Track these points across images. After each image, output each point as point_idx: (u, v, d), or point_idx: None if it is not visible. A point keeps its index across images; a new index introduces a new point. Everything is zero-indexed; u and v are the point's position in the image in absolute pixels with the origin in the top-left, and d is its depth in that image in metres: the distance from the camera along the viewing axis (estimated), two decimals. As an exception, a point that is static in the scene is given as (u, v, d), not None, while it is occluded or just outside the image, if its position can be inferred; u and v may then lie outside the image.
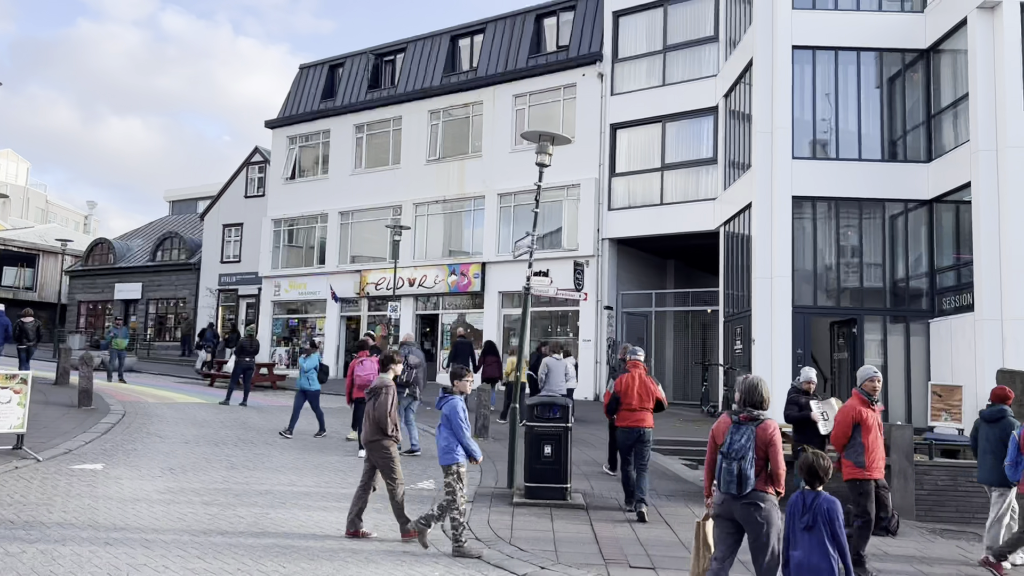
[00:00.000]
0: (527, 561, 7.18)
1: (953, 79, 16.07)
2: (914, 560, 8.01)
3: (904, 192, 16.68)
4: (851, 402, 7.89)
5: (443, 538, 8.00)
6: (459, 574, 6.81)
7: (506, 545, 7.73)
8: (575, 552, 7.55)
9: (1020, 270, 14.19)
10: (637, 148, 22.60)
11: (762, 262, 16.65)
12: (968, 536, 9.29)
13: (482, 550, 7.46)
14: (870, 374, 7.88)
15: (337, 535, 7.85)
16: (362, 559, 7.06)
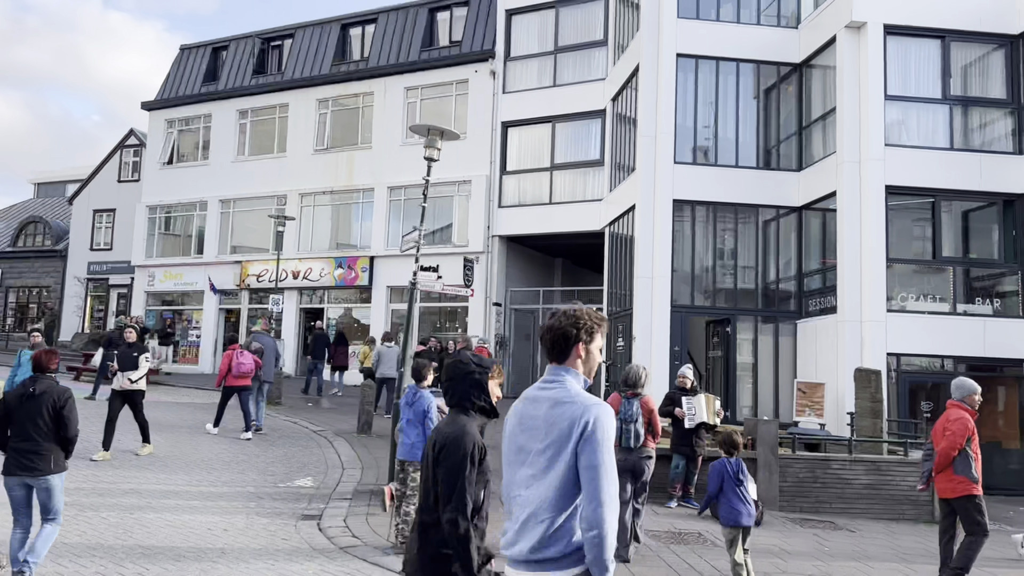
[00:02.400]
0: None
1: (823, 93, 17.02)
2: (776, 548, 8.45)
3: (777, 199, 17.53)
4: (960, 414, 7.35)
5: (317, 536, 7.85)
6: (335, 572, 6.69)
7: (384, 541, 7.65)
8: (453, 547, 7.54)
9: (878, 275, 15.19)
10: (528, 147, 22.84)
11: (644, 262, 17.15)
12: (824, 525, 9.88)
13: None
14: (975, 388, 7.50)
15: (207, 535, 7.56)
16: (232, 559, 6.82)
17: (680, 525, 9.09)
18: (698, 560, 7.62)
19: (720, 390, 17.34)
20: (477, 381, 3.44)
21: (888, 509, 10.68)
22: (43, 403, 5.84)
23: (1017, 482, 14.94)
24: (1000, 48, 15.95)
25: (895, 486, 10.82)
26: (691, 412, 10.06)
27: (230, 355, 13.43)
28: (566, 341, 3.08)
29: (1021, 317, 15.26)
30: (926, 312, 15.34)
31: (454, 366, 3.49)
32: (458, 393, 3.44)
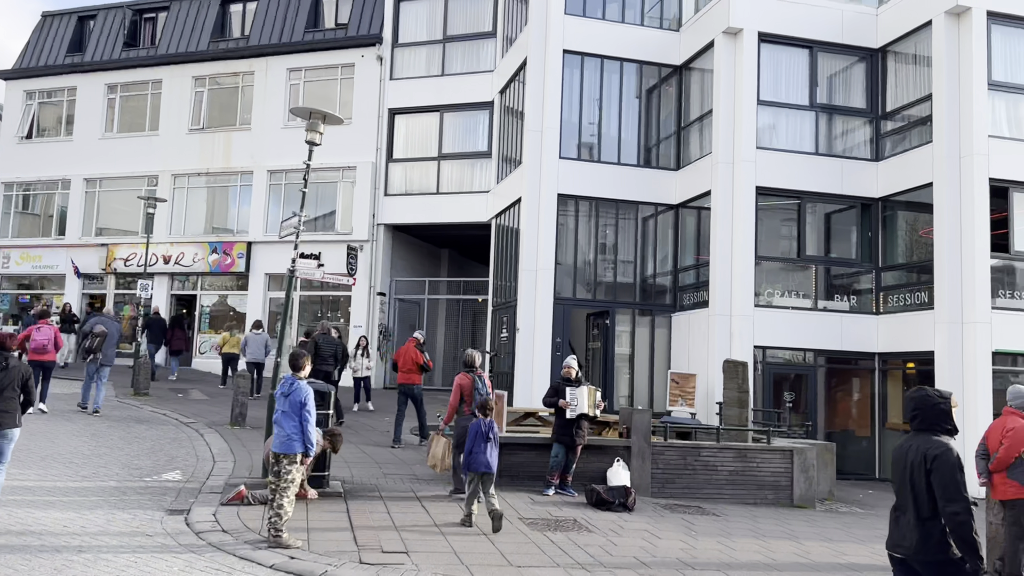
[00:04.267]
0: (276, 552, 6.93)
1: (701, 95, 17.68)
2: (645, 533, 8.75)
3: (656, 196, 18.11)
4: (1019, 422, 7.54)
5: (184, 531, 7.53)
6: (203, 568, 6.43)
7: (254, 535, 7.41)
8: (328, 540, 7.41)
9: (747, 272, 15.95)
10: (415, 135, 22.62)
11: (528, 255, 17.34)
12: (693, 510, 10.30)
13: (296, 541, 7.16)
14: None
15: (63, 532, 7.11)
16: (90, 556, 6.45)
17: (556, 512, 9.26)
18: (572, 546, 7.79)
19: (598, 381, 17.77)
20: (943, 411, 4.50)
21: (752, 494, 11.25)
22: (14, 375, 7.48)
23: (868, 467, 16.06)
24: (862, 60, 17.03)
25: (759, 472, 11.40)
26: (574, 403, 10.27)
27: (31, 329, 13.98)
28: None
29: (874, 313, 16.40)
30: (790, 308, 16.24)
31: (922, 399, 4.55)
32: (928, 420, 4.50)
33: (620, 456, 10.79)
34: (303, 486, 8.59)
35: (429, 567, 6.79)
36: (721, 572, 7.32)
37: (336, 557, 6.89)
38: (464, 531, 8.07)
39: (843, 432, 16.44)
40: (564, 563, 7.18)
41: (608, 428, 12.59)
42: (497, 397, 11.55)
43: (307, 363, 7.86)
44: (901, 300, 16.05)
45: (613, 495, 9.79)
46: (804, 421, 15.74)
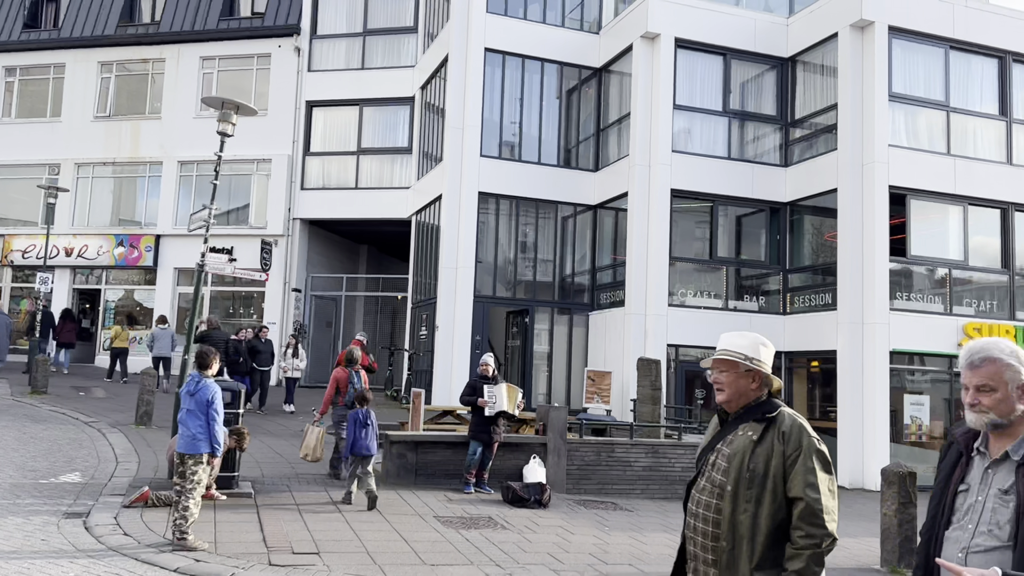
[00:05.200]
0: (181, 555, 6.71)
1: (619, 98, 17.97)
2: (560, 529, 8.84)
3: (575, 196, 18.31)
4: None
5: (83, 535, 7.21)
6: (100, 573, 6.17)
7: (158, 538, 7.16)
8: (236, 541, 7.22)
9: (662, 272, 16.30)
10: (334, 129, 22.24)
11: (449, 252, 17.29)
12: (606, 505, 10.47)
13: (203, 543, 6.91)
14: None
15: (-55, 540, 6.70)
16: (-24, 566, 6.10)
17: (472, 510, 9.27)
18: (486, 543, 7.81)
19: (517, 378, 17.87)
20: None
21: (664, 489, 11.51)
22: None
23: (773, 461, 16.62)
24: (773, 69, 17.63)
25: (670, 467, 11.67)
26: (492, 400, 10.28)
27: None
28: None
29: (781, 314, 17.00)
30: (702, 307, 16.68)
31: None
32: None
33: (536, 453, 10.86)
34: (210, 487, 8.34)
35: (341, 568, 6.69)
36: (632, 567, 7.46)
37: (244, 559, 6.72)
38: (378, 530, 7.98)
39: (751, 428, 16.95)
40: (479, 561, 7.18)
41: (525, 425, 12.67)
42: (415, 395, 11.54)
43: (215, 361, 7.63)
44: (806, 301, 16.69)
45: (529, 492, 9.86)
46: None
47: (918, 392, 15.74)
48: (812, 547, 2.82)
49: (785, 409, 3.04)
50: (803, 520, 2.85)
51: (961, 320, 15.70)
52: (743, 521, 2.90)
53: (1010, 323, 16.01)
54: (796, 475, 2.89)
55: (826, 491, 2.89)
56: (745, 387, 3.06)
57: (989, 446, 2.52)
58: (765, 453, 2.93)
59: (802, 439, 2.93)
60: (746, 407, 3.07)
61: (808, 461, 2.90)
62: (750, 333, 3.19)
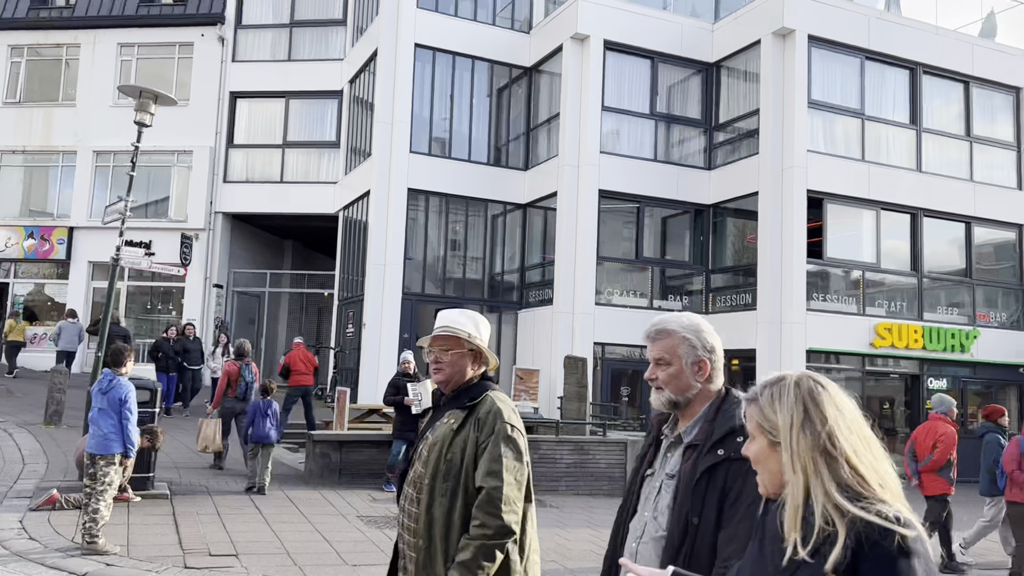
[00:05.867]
0: (91, 559, 6.46)
1: (549, 98, 18.08)
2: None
3: (505, 195, 18.35)
4: (947, 428, 8.57)
5: (-15, 542, 6.87)
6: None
7: (67, 542, 6.87)
8: (150, 544, 6.98)
9: (590, 271, 16.49)
10: (259, 121, 21.71)
11: (377, 249, 17.10)
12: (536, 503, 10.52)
13: (114, 547, 6.63)
14: (953, 403, 9.04)
15: None
16: None
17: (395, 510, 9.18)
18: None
19: (445, 377, 17.79)
20: None
21: (589, 485, 11.64)
22: None
23: (695, 457, 17.00)
24: (698, 73, 18.01)
25: (595, 464, 11.82)
26: (418, 398, 10.22)
27: None
28: None
29: (704, 313, 17.39)
30: (628, 306, 16.93)
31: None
32: None
33: (462, 451, 10.86)
34: (124, 488, 8.06)
35: (260, 569, 6.55)
36: (556, 563, 7.52)
37: (158, 562, 6.51)
38: (299, 530, 7.84)
39: (675, 425, 17.31)
40: (402, 559, 7.13)
41: (452, 423, 12.64)
42: (340, 394, 11.40)
43: (130, 359, 7.36)
44: (728, 301, 17.12)
45: (454, 490, 9.83)
46: (639, 415, 16.48)
47: (832, 389, 16.31)
48: (483, 537, 2.61)
49: (492, 393, 2.86)
50: (479, 508, 2.65)
51: (873, 320, 16.36)
52: (438, 517, 2.71)
53: (918, 323, 16.76)
54: (482, 463, 2.70)
55: (510, 480, 2.68)
56: (465, 366, 2.88)
57: (675, 428, 2.43)
58: (462, 442, 2.75)
59: (496, 424, 2.74)
60: (459, 390, 2.88)
61: (496, 448, 2.70)
62: (468, 310, 3.06)
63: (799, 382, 1.74)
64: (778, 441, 1.70)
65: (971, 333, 17.22)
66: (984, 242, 18.25)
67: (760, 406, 1.75)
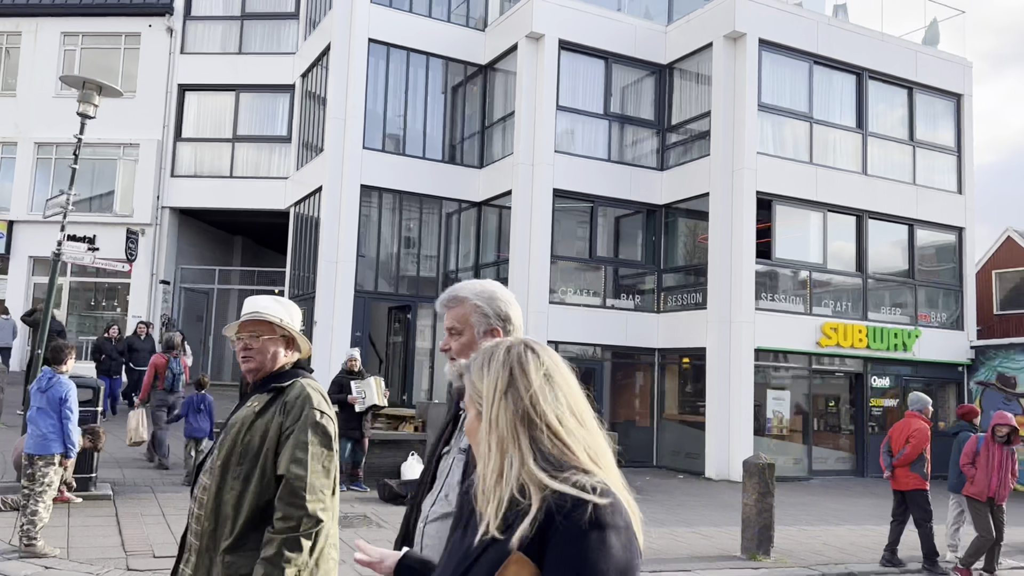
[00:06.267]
0: (30, 562, 6.26)
1: (504, 96, 18.09)
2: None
3: (459, 193, 18.30)
4: (921, 425, 8.82)
5: (-85, 546, 6.61)
6: (-68, 587, 5.68)
7: (5, 545, 6.65)
8: (92, 547, 6.80)
9: (544, 270, 16.53)
10: (208, 114, 21.31)
11: (329, 246, 16.91)
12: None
13: (54, 549, 6.41)
14: (929, 401, 9.22)
15: None
16: None
17: (347, 509, 9.10)
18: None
19: (399, 375, 17.73)
20: None
21: (540, 483, 11.67)
22: None
23: (647, 455, 17.20)
24: (652, 75, 18.19)
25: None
26: (361, 396, 10.14)
27: None
28: None
29: (655, 312, 17.59)
30: (582, 305, 17.03)
31: None
32: None
33: (415, 450, 10.80)
34: (64, 489, 7.83)
35: (206, 571, 6.42)
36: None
37: (100, 565, 6.34)
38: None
39: (626, 422, 17.50)
40: (352, 560, 7.05)
41: (405, 422, 12.57)
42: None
43: (70, 356, 7.16)
44: (679, 300, 17.33)
45: (406, 489, 9.77)
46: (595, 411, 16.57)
47: (780, 388, 16.66)
48: (288, 530, 2.49)
49: (303, 380, 2.76)
50: (282, 500, 2.53)
51: (820, 320, 16.73)
52: (228, 500, 2.58)
53: (863, 323, 17.19)
54: (285, 450, 2.58)
55: (317, 468, 2.57)
56: (276, 353, 2.77)
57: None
58: (264, 425, 2.64)
59: (303, 411, 2.64)
60: (267, 376, 2.77)
61: (302, 435, 2.59)
62: (279, 297, 2.94)
63: (510, 347, 1.60)
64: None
65: (913, 333, 17.72)
66: (926, 244, 18.80)
67: (471, 375, 1.59)
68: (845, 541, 9.95)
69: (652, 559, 8.04)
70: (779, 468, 15.06)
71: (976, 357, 18.54)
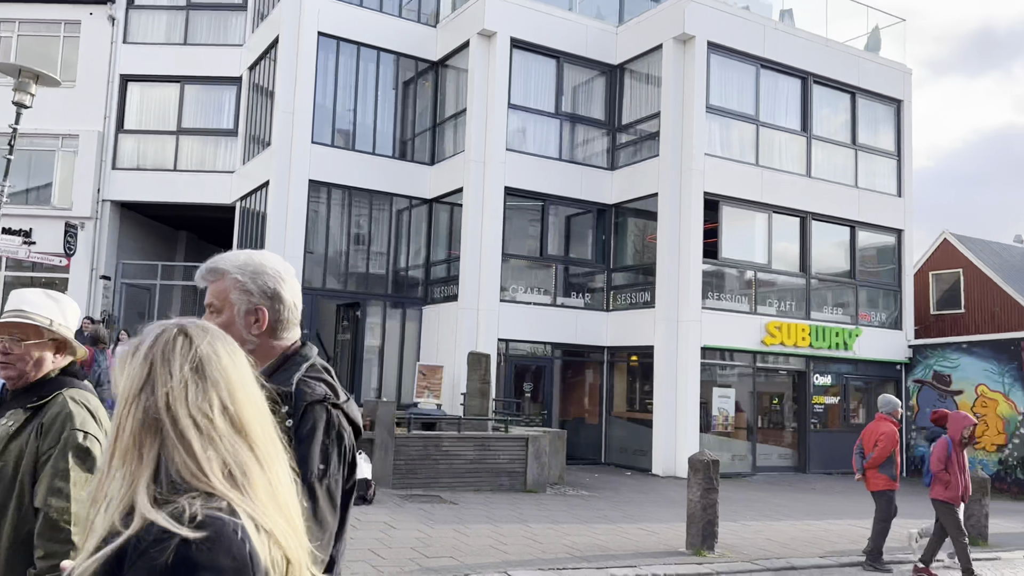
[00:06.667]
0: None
1: (456, 93, 18.02)
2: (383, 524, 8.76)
3: (410, 189, 18.18)
4: (889, 428, 8.91)
5: None
6: None
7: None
8: None
9: (495, 268, 16.53)
10: (151, 106, 20.77)
11: (276, 242, 16.65)
12: (432, 499, 10.48)
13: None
14: (899, 403, 9.32)
15: None
16: None
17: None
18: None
19: (347, 373, 17.54)
20: None
21: (489, 481, 11.69)
22: None
23: (596, 452, 17.34)
24: (603, 75, 18.31)
25: (496, 460, 11.87)
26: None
27: None
28: None
29: (604, 310, 17.73)
30: (532, 303, 17.08)
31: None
32: None
33: (363, 449, 10.70)
34: None
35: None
36: (453, 559, 7.50)
37: None
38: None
39: (576, 419, 17.62)
40: None
41: (352, 421, 12.45)
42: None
43: None
44: (628, 299, 17.50)
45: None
46: (541, 410, 16.66)
47: (726, 385, 16.95)
48: (51, 570, 2.16)
49: (68, 392, 2.41)
50: (41, 536, 2.22)
51: (764, 319, 17.06)
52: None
53: (806, 322, 17.58)
54: (43, 479, 2.26)
55: (81, 497, 2.23)
56: (42, 359, 2.42)
57: None
58: (19, 448, 2.30)
59: (64, 431, 2.31)
60: (29, 387, 2.42)
61: (61, 461, 2.26)
62: (54, 292, 2.56)
63: (160, 334, 1.29)
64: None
65: (854, 332, 18.18)
66: (867, 246, 19.30)
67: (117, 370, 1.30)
68: (787, 536, 10.16)
69: (599, 555, 8.11)
70: (724, 465, 15.37)
71: (913, 356, 19.11)
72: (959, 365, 18.21)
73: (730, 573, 8.03)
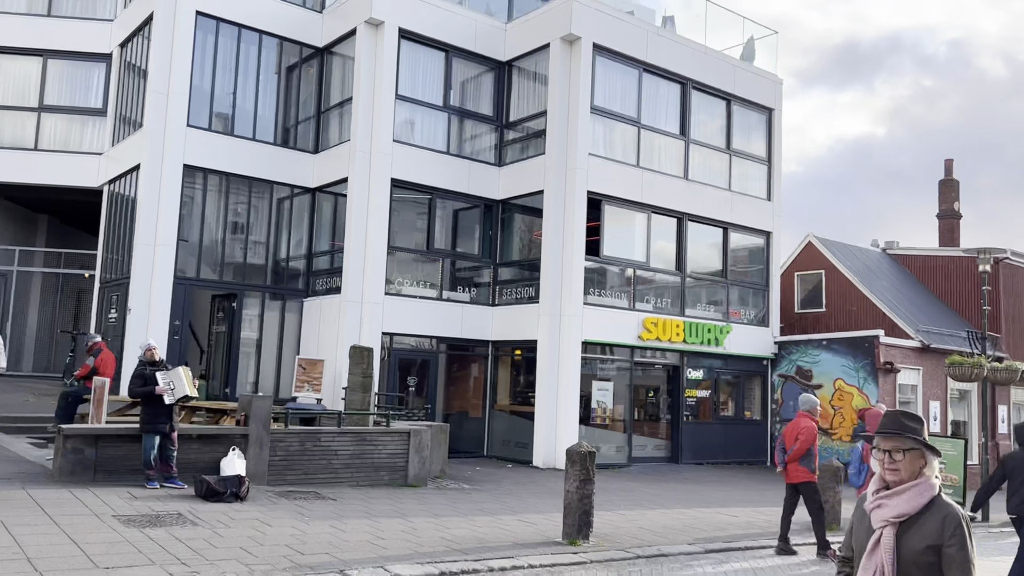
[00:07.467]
0: None
1: (342, 81, 17.66)
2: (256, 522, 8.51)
3: (292, 178, 17.70)
4: (809, 424, 9.59)
5: None
6: None
7: None
8: None
9: (380, 261, 16.32)
10: (9, 81, 19.28)
11: (146, 228, 15.86)
12: (308, 496, 10.27)
13: None
14: (818, 403, 10.00)
15: None
16: None
17: (159, 507, 8.59)
18: (173, 541, 7.28)
19: (222, 366, 16.95)
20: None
21: (369, 476, 11.55)
22: None
23: (479, 445, 17.43)
24: (491, 71, 18.39)
25: (377, 454, 11.74)
26: (170, 387, 9.61)
27: None
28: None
29: (489, 305, 17.84)
30: (418, 297, 16.99)
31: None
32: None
33: (237, 445, 10.35)
34: None
35: (-10, 580, 5.85)
36: (329, 555, 7.38)
37: None
38: (44, 533, 7.09)
39: (459, 413, 17.66)
40: (161, 560, 6.67)
41: (226, 416, 12.03)
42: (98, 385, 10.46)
43: None
44: (513, 294, 17.68)
45: (225, 485, 9.35)
46: (425, 404, 16.60)
47: (605, 379, 17.41)
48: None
49: None
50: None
51: (641, 315, 17.62)
52: None
53: (680, 318, 18.28)
54: None
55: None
56: None
57: None
58: None
59: None
60: None
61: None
62: None
63: None
64: None
65: (725, 328, 19.05)
66: (738, 247, 20.26)
67: None
68: (659, 524, 10.55)
69: (477, 548, 8.17)
70: (602, 456, 15.80)
71: (779, 352, 20.22)
72: (819, 360, 19.40)
73: (603, 561, 8.27)
